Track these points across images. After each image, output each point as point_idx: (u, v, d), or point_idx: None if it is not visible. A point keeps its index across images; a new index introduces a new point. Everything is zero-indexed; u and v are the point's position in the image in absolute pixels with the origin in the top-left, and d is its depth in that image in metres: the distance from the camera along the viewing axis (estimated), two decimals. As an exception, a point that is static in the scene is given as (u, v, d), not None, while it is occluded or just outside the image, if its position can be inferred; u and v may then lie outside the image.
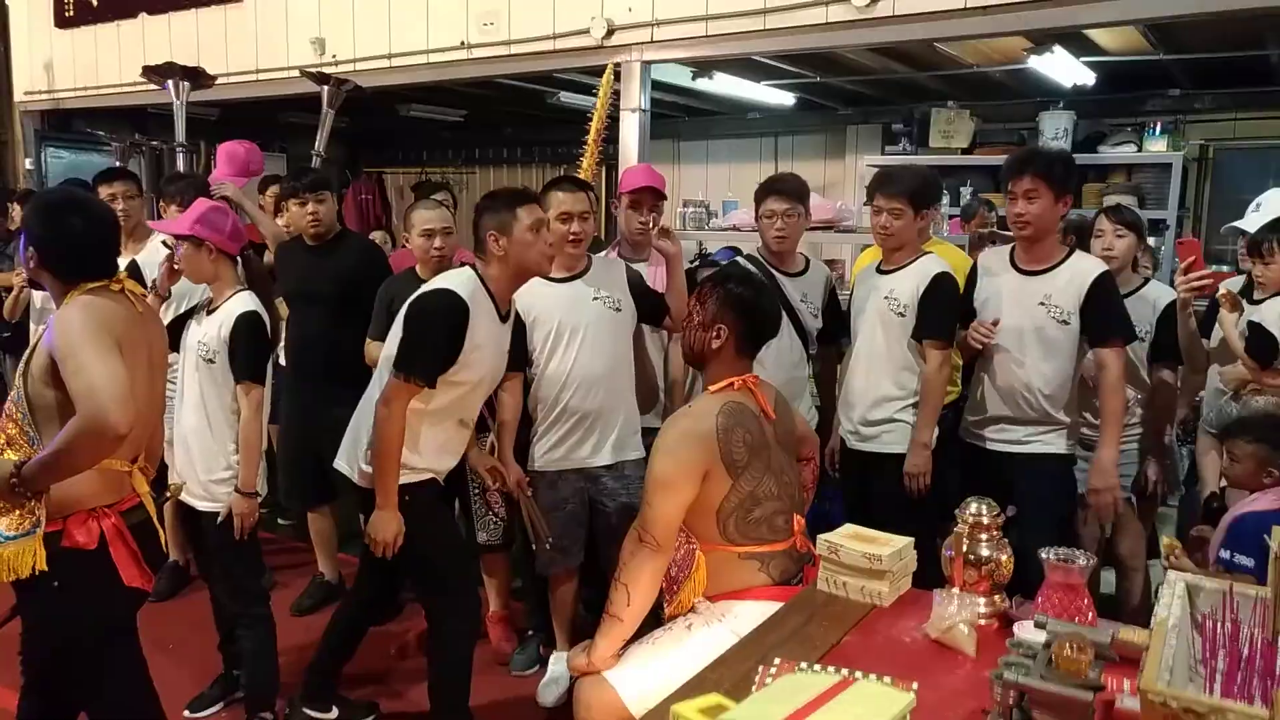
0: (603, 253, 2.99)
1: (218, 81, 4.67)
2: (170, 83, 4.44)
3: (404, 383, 2.20)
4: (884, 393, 2.73)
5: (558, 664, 2.85)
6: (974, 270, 2.82)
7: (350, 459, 2.38)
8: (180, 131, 4.43)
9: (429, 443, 2.33)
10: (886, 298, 2.73)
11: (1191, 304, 2.55)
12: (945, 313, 2.67)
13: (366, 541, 2.30)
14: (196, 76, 4.49)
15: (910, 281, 2.69)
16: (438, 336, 2.21)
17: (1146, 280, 2.96)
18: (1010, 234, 2.76)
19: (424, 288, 2.34)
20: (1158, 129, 4.78)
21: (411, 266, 3.02)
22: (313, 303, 3.18)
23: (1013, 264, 2.67)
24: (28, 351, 1.84)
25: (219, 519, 2.43)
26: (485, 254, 2.30)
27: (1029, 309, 2.58)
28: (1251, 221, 2.53)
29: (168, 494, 2.17)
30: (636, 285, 2.74)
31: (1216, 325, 2.62)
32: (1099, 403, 2.58)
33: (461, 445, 2.47)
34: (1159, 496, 2.93)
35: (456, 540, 2.52)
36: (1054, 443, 2.62)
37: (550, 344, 2.64)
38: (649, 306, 2.74)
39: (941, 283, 2.67)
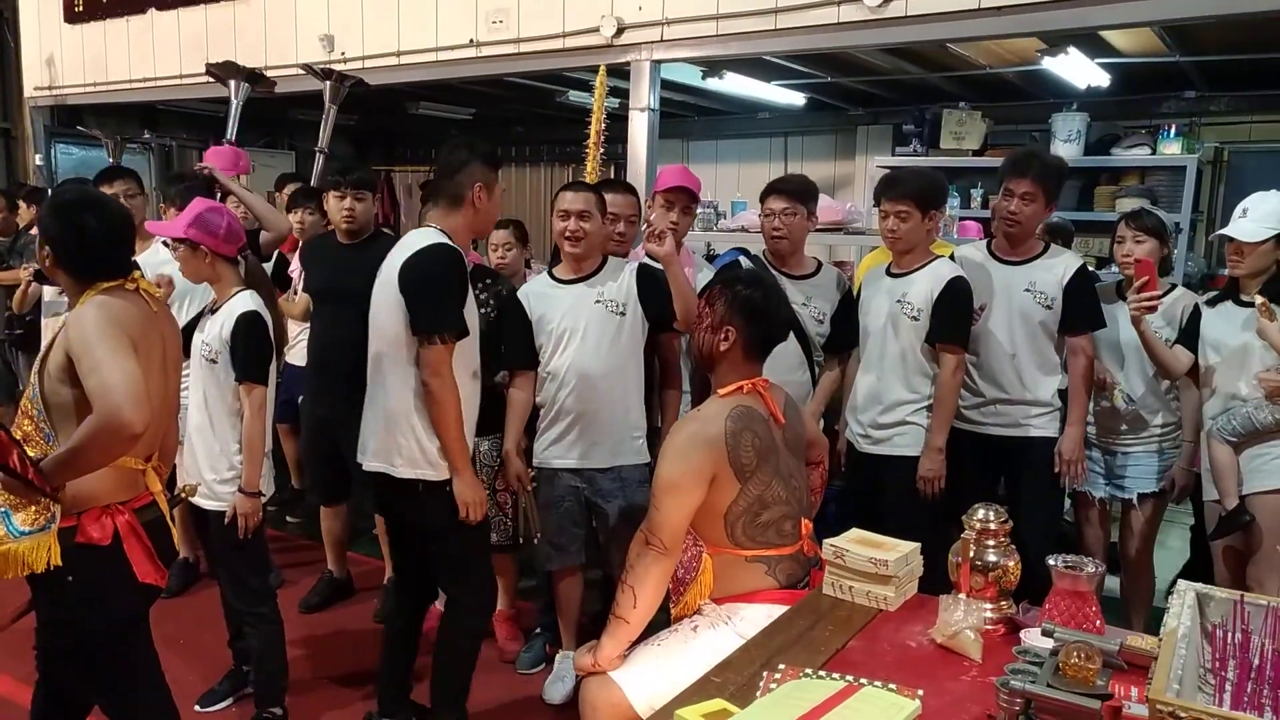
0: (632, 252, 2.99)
1: (271, 82, 4.65)
2: (232, 83, 4.44)
3: (442, 345, 2.18)
4: (896, 397, 2.73)
5: (564, 662, 2.86)
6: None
7: (390, 455, 2.29)
8: (232, 131, 4.43)
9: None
10: (899, 301, 2.72)
11: (1144, 321, 2.59)
12: (960, 317, 2.68)
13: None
14: (258, 79, 4.50)
15: (924, 285, 2.69)
16: (452, 287, 2.21)
17: (1173, 286, 2.91)
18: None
19: (407, 252, 2.24)
20: (1172, 131, 4.73)
21: None
22: (342, 301, 3.10)
23: (994, 257, 2.84)
24: (44, 349, 1.86)
25: (225, 519, 2.44)
26: (460, 203, 2.27)
27: (1015, 295, 2.75)
28: (1238, 228, 2.49)
29: (181, 495, 2.18)
30: (647, 289, 2.69)
31: (1210, 333, 2.62)
32: (1069, 386, 2.74)
33: (477, 405, 2.42)
34: (1169, 499, 2.91)
35: (485, 538, 2.53)
36: (1046, 426, 2.77)
37: (551, 344, 2.68)
38: (656, 310, 2.68)
39: (956, 287, 2.67)
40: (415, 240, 2.28)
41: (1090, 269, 2.87)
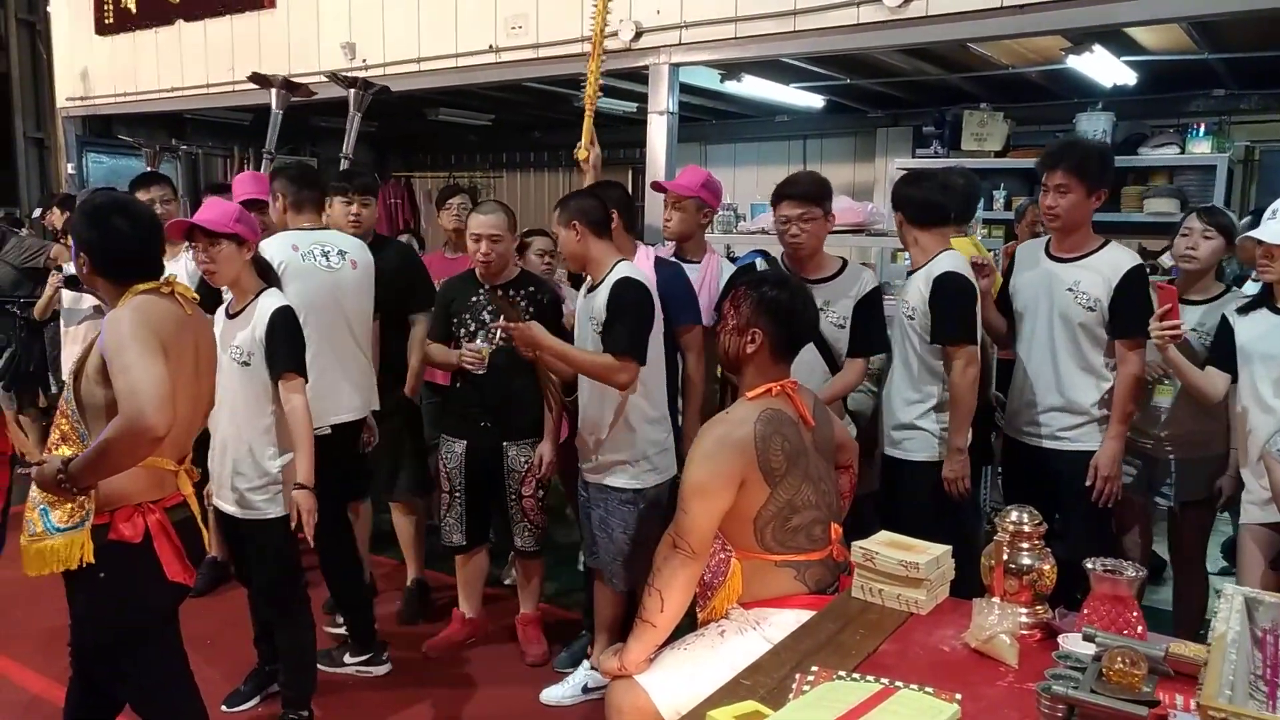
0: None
1: (310, 90, 4.68)
2: (273, 91, 4.50)
3: None
4: (906, 397, 2.70)
5: (575, 670, 2.86)
6: (1012, 260, 2.85)
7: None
8: (272, 141, 4.47)
9: None
10: (903, 302, 2.73)
11: (1170, 349, 2.43)
12: (955, 312, 2.58)
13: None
14: (295, 87, 4.57)
15: (919, 285, 2.64)
16: None
17: (1227, 289, 2.80)
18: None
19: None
20: (1201, 130, 4.65)
21: (471, 269, 3.01)
22: None
23: (1047, 253, 2.71)
24: (81, 351, 1.91)
25: (294, 524, 2.42)
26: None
27: (1057, 295, 2.61)
28: (1269, 230, 2.37)
29: (208, 496, 2.21)
30: (611, 307, 2.52)
31: (1250, 344, 2.46)
32: (1114, 396, 2.56)
33: None
34: (1218, 506, 2.81)
35: None
36: (1082, 439, 2.61)
37: None
38: (609, 336, 2.52)
39: (946, 283, 2.57)
40: None
41: (1146, 270, 2.65)
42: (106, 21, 6.09)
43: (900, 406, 2.70)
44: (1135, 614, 1.48)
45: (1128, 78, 4.52)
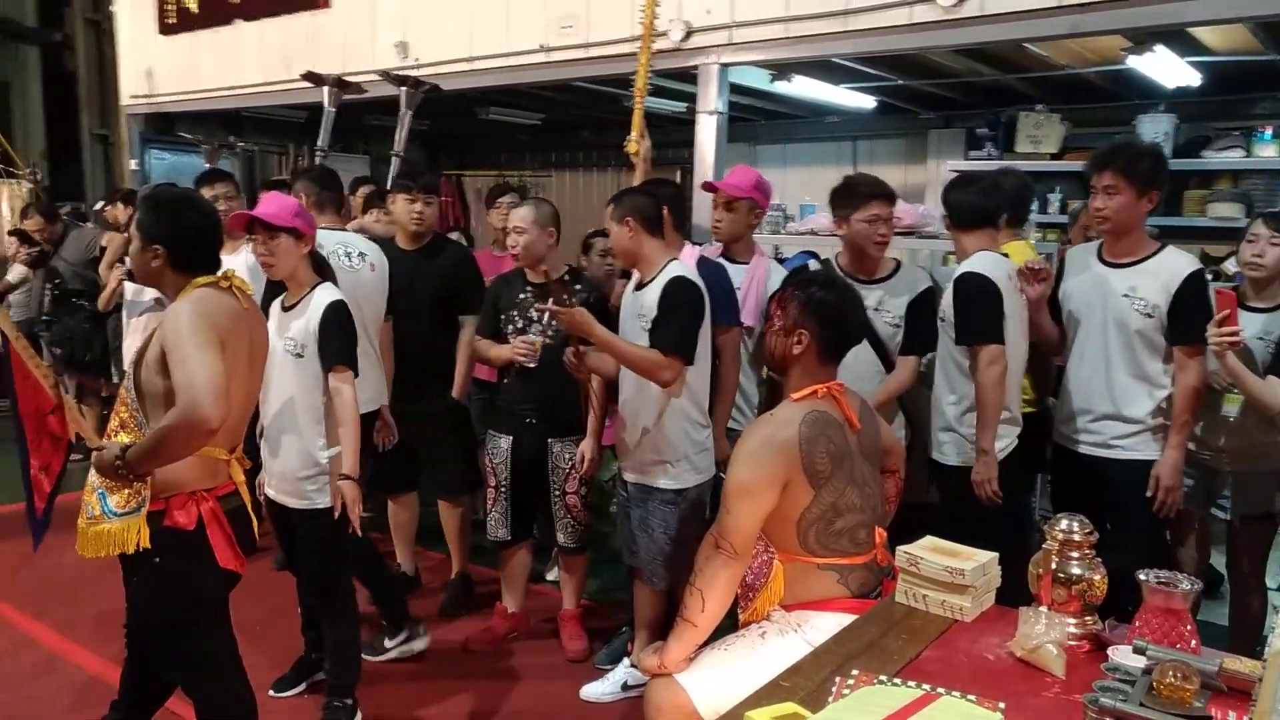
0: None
1: (361, 88, 4.79)
2: (325, 89, 4.63)
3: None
4: (945, 399, 2.69)
5: (616, 668, 2.87)
6: (1062, 264, 2.81)
7: None
8: (324, 138, 4.59)
9: None
10: (941, 305, 2.72)
11: (1229, 356, 2.36)
12: (974, 311, 2.54)
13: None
14: (347, 86, 4.71)
15: (949, 291, 2.65)
16: None
17: None
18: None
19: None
20: (1268, 133, 4.50)
21: (519, 267, 3.06)
22: (410, 303, 3.23)
23: (1100, 258, 2.68)
24: (142, 341, 1.97)
25: (335, 512, 2.47)
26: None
27: (1111, 301, 2.58)
28: None
29: (260, 486, 2.27)
30: (662, 304, 2.53)
31: None
32: (1174, 404, 2.51)
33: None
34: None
35: None
36: (1137, 448, 2.57)
37: None
38: (659, 332, 2.53)
39: (966, 282, 2.57)
40: None
41: (1207, 275, 2.62)
42: (169, 21, 6.29)
43: (942, 407, 2.70)
44: (1189, 628, 1.45)
45: (1191, 79, 4.38)
